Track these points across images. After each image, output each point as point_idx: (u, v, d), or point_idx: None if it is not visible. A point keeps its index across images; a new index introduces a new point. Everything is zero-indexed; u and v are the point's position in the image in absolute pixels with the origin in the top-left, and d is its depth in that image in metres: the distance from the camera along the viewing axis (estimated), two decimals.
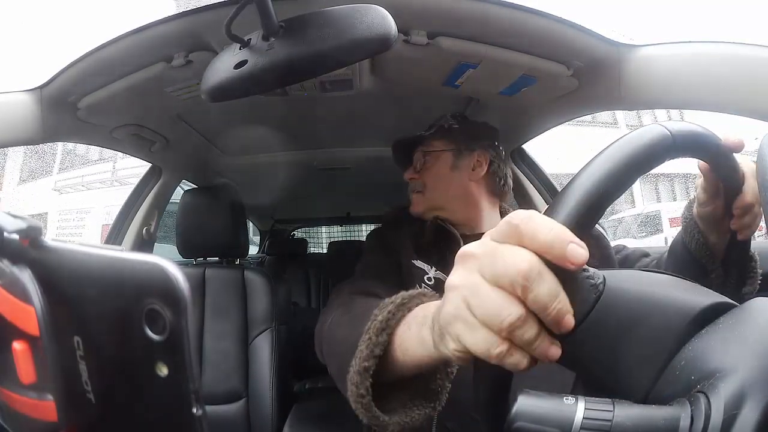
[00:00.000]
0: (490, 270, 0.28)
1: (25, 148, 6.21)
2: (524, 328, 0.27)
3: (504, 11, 0.70)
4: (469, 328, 0.29)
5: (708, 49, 0.64)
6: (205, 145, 1.32)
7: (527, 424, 0.27)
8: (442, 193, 0.85)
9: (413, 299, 0.47)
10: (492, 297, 0.28)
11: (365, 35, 0.43)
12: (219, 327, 1.22)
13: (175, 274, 0.18)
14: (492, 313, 0.28)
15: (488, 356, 0.28)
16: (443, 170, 0.85)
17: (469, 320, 0.29)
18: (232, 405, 1.18)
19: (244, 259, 1.58)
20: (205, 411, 0.19)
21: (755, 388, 0.24)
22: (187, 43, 0.74)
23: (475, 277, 0.29)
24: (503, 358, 0.28)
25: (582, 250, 0.27)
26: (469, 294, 0.29)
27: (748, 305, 0.29)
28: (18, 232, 0.22)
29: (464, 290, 0.29)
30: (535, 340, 0.27)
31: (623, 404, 0.26)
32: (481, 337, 0.28)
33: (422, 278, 0.76)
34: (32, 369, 0.22)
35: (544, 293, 0.27)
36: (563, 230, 0.27)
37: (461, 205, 0.85)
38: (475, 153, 0.86)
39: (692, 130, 0.35)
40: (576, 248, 0.27)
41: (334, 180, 1.81)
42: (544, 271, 0.27)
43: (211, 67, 0.49)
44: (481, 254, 0.29)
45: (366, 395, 0.44)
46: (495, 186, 0.87)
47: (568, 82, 0.85)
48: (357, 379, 0.45)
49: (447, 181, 0.85)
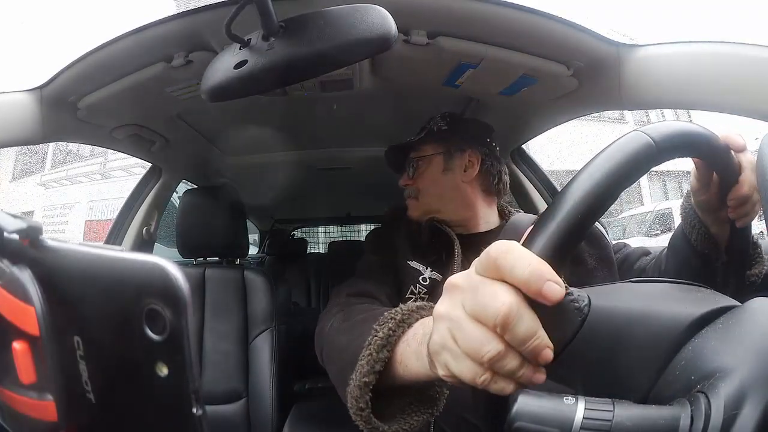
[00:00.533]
0: (472, 306, 0.30)
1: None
2: (505, 360, 0.29)
3: (504, 11, 0.70)
4: (454, 358, 0.31)
5: (708, 49, 0.64)
6: (205, 145, 1.32)
7: (527, 424, 0.27)
8: (436, 197, 0.85)
9: (413, 315, 0.48)
10: (473, 332, 0.29)
11: (365, 35, 0.43)
12: (219, 327, 1.21)
13: (175, 274, 0.18)
14: (473, 347, 0.29)
15: (474, 383, 0.30)
16: (435, 174, 0.85)
17: (454, 350, 0.31)
18: (232, 405, 1.18)
19: (244, 259, 1.58)
20: (205, 411, 0.19)
21: (755, 388, 0.24)
22: (187, 43, 0.74)
23: (459, 311, 0.30)
24: (488, 385, 0.29)
25: (558, 288, 0.27)
26: (453, 326, 0.31)
27: (748, 305, 0.29)
28: (18, 232, 0.22)
29: (449, 322, 0.31)
30: (517, 370, 0.29)
31: (623, 404, 0.26)
32: (466, 367, 0.30)
33: (417, 279, 0.76)
34: (32, 369, 0.22)
35: (521, 332, 0.28)
36: (540, 266, 0.28)
37: (456, 207, 0.84)
38: (466, 153, 0.85)
39: (675, 130, 0.35)
40: (552, 286, 0.27)
41: (334, 180, 1.81)
42: (523, 311, 0.28)
43: (211, 67, 0.49)
44: (465, 287, 0.31)
45: (366, 408, 0.45)
46: (489, 184, 0.86)
47: (568, 82, 0.85)
48: (357, 393, 0.46)
49: (440, 184, 0.85)
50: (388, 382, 0.46)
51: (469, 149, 0.85)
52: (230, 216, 1.28)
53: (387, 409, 0.47)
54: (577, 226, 0.30)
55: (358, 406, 0.46)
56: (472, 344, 0.29)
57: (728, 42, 0.62)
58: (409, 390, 0.48)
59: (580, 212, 0.30)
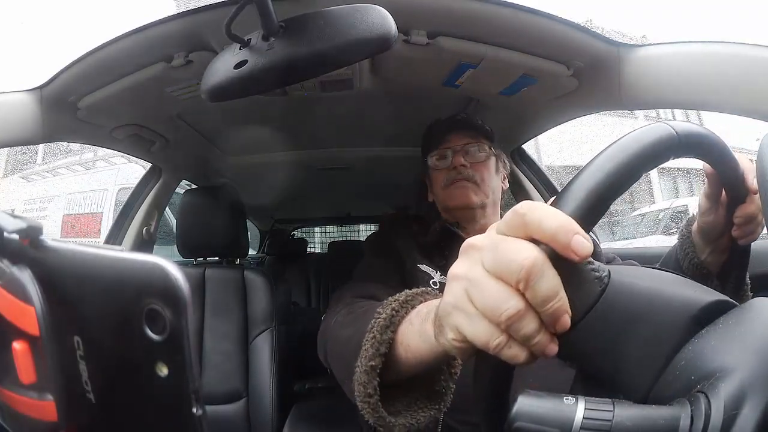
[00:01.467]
0: (493, 262, 0.28)
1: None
2: (523, 322, 0.27)
3: (504, 11, 0.70)
4: (468, 319, 0.29)
5: (708, 49, 0.64)
6: (205, 145, 1.32)
7: (527, 424, 0.27)
8: (493, 191, 0.85)
9: (416, 297, 0.47)
10: (493, 289, 0.28)
11: (365, 35, 0.43)
12: (219, 327, 1.21)
13: (175, 274, 0.18)
14: (492, 305, 0.28)
15: (487, 347, 0.28)
16: (492, 170, 0.86)
17: (468, 310, 0.29)
18: (232, 405, 1.18)
19: (244, 259, 1.58)
20: (205, 411, 0.19)
21: (755, 388, 0.24)
22: (187, 43, 0.74)
23: (477, 269, 0.29)
24: (501, 349, 0.28)
25: (587, 243, 0.27)
26: (470, 285, 0.29)
27: (748, 305, 0.29)
28: (18, 232, 0.22)
29: (466, 281, 0.30)
30: (533, 335, 0.27)
31: (623, 404, 0.26)
32: (481, 327, 0.28)
33: (428, 282, 0.76)
34: (32, 369, 0.22)
35: (543, 289, 0.27)
36: (569, 221, 0.27)
37: (491, 211, 0.85)
38: (502, 164, 0.89)
39: (696, 131, 0.36)
40: (581, 239, 0.27)
41: (334, 180, 1.81)
42: (546, 268, 0.27)
43: (211, 67, 0.49)
44: (485, 246, 0.29)
45: (374, 395, 0.44)
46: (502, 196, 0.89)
47: (568, 82, 0.85)
48: (364, 378, 0.44)
49: (494, 182, 0.86)
50: (392, 375, 0.45)
51: (503, 161, 0.90)
52: (230, 216, 1.28)
53: (392, 407, 0.46)
54: (605, 193, 0.30)
55: (366, 392, 0.44)
56: (490, 302, 0.28)
57: (728, 42, 0.62)
58: (414, 386, 0.47)
59: (608, 181, 0.30)
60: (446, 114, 0.90)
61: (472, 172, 0.82)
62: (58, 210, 5.75)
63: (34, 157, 6.63)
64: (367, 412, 0.44)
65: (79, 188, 5.73)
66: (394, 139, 1.35)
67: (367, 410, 0.44)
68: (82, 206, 5.58)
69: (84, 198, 5.55)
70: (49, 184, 6.30)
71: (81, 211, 5.57)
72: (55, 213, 5.72)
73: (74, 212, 5.62)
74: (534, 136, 1.21)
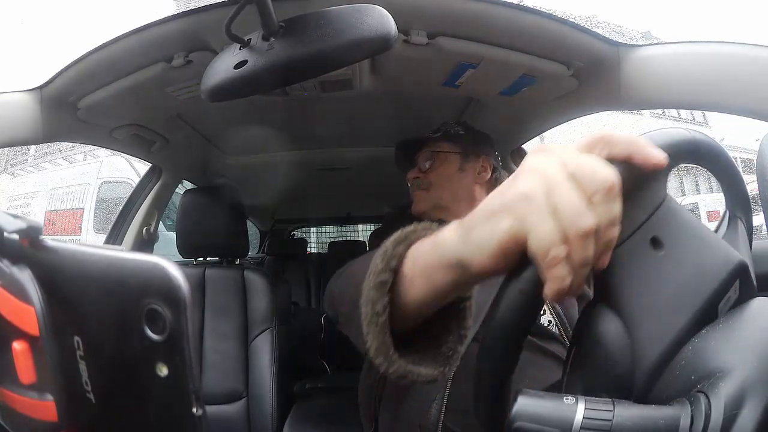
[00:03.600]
0: (577, 168, 0.27)
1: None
2: (589, 242, 0.26)
3: (504, 11, 0.70)
4: (539, 214, 0.27)
5: (708, 49, 0.64)
6: (205, 145, 1.32)
7: (527, 424, 0.27)
8: (448, 193, 0.85)
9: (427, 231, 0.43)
10: (573, 195, 0.26)
11: (365, 35, 0.43)
12: (219, 327, 1.21)
13: (175, 274, 0.18)
14: (571, 211, 0.26)
15: (544, 252, 0.26)
16: (451, 171, 0.86)
17: (541, 206, 0.27)
18: (232, 405, 1.18)
19: (244, 259, 1.58)
20: (205, 411, 0.19)
21: (755, 388, 0.24)
22: (187, 43, 0.74)
23: (557, 169, 0.27)
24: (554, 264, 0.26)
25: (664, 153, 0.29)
26: (549, 182, 0.27)
27: (748, 305, 0.29)
28: (18, 232, 0.22)
29: (544, 177, 0.27)
30: (587, 262, 0.26)
31: (623, 404, 0.26)
32: (549, 228, 0.26)
33: None
34: (32, 369, 0.22)
35: (615, 211, 0.26)
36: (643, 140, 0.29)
37: (465, 207, 0.84)
38: (481, 158, 0.87)
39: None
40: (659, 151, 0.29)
41: (334, 180, 1.81)
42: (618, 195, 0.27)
43: (211, 67, 0.49)
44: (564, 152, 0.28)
45: (382, 314, 0.39)
46: None
47: (568, 82, 0.85)
48: (373, 295, 0.39)
49: (454, 181, 0.85)
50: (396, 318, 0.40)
51: (483, 155, 0.88)
52: (230, 216, 1.28)
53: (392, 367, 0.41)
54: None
55: (374, 311, 0.39)
56: (569, 208, 0.26)
57: (728, 42, 0.62)
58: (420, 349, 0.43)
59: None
60: (446, 114, 0.90)
61: (421, 180, 0.87)
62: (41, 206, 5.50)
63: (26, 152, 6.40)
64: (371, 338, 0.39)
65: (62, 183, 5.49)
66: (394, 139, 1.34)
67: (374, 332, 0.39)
68: (64, 202, 5.35)
69: (66, 193, 5.34)
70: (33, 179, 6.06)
71: (63, 207, 5.34)
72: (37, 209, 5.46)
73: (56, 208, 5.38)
74: (534, 136, 1.21)
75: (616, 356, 0.29)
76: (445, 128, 0.89)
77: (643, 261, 0.30)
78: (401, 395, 0.64)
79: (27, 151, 6.35)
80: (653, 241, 0.30)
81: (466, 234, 0.32)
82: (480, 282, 0.34)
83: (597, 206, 0.26)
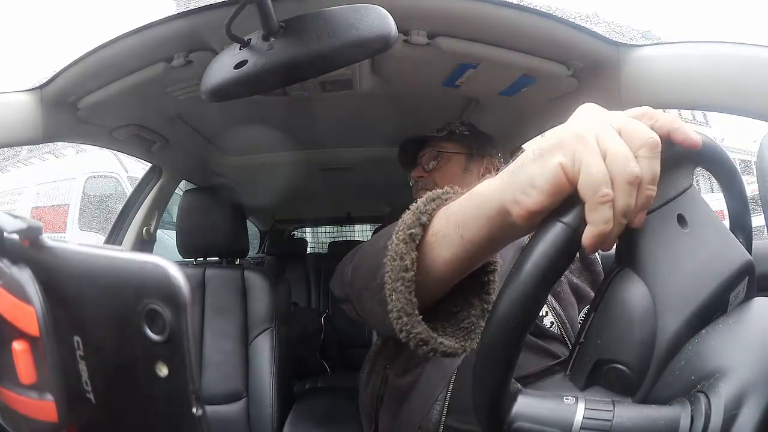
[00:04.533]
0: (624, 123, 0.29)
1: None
2: (633, 190, 0.27)
3: (504, 11, 0.70)
4: (592, 154, 0.28)
5: (707, 50, 0.64)
6: (205, 145, 1.32)
7: (527, 424, 0.27)
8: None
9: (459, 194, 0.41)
10: (622, 144, 0.28)
11: (365, 35, 0.43)
12: (219, 327, 1.21)
13: (175, 274, 0.18)
14: (621, 158, 0.27)
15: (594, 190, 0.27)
16: (455, 171, 0.86)
17: (592, 146, 0.28)
18: (232, 405, 1.18)
19: (244, 259, 1.58)
20: (205, 411, 0.19)
21: (755, 388, 0.24)
22: (187, 43, 0.74)
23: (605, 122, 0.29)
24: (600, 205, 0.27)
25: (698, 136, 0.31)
26: (602, 130, 0.29)
27: (748, 305, 0.29)
28: (18, 232, 0.22)
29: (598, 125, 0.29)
30: (630, 211, 0.27)
31: (623, 404, 0.26)
32: (599, 168, 0.27)
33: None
34: (32, 369, 0.22)
35: (656, 168, 0.28)
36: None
37: None
38: (485, 159, 0.88)
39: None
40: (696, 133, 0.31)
41: (334, 180, 1.81)
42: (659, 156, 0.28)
43: (211, 67, 0.49)
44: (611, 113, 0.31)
45: (411, 268, 0.37)
46: None
47: (567, 83, 0.85)
48: (402, 249, 0.38)
49: (457, 181, 0.84)
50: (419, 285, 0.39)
51: (488, 156, 0.88)
52: (230, 216, 1.28)
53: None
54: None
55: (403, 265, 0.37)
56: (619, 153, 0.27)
57: (728, 42, 0.62)
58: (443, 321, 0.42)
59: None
60: (446, 114, 0.90)
61: (425, 180, 0.87)
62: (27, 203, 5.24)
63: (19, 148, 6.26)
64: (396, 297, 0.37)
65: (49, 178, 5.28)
66: (394, 139, 1.34)
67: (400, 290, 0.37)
68: (50, 198, 5.12)
69: (52, 189, 5.11)
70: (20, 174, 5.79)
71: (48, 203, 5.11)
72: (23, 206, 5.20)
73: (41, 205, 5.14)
74: (533, 137, 1.20)
75: (640, 319, 0.29)
76: (450, 128, 0.89)
77: (670, 233, 0.31)
78: (403, 395, 0.64)
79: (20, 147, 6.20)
80: (680, 218, 0.32)
81: (511, 176, 0.32)
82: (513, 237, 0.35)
83: (641, 160, 0.28)
